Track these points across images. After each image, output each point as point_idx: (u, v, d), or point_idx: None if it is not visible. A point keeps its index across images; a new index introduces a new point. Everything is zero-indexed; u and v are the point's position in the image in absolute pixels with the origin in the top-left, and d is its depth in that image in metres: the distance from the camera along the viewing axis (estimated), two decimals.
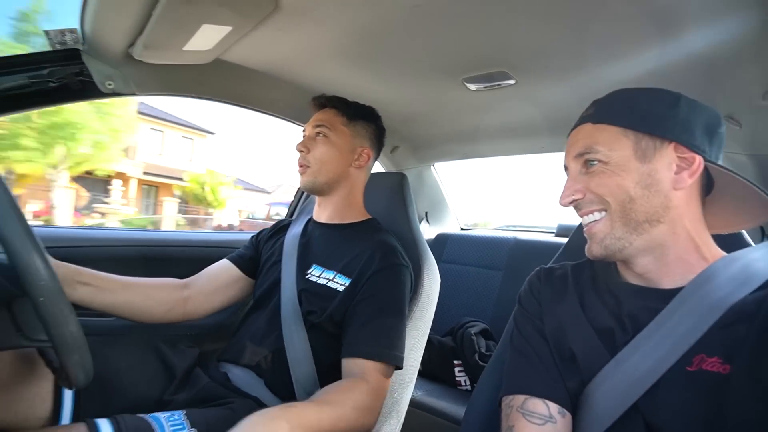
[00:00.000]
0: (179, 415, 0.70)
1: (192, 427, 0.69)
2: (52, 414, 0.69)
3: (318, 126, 0.97)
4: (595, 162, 0.58)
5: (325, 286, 0.88)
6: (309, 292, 0.88)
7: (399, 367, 0.82)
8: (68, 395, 0.71)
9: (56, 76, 0.83)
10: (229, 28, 0.76)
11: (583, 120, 0.62)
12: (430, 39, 0.88)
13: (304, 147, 0.96)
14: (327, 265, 0.91)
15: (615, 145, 0.57)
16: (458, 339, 1.46)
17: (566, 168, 0.63)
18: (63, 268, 0.76)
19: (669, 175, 0.56)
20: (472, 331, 1.43)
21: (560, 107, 1.19)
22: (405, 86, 1.17)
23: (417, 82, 1.13)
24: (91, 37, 0.80)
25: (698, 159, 0.55)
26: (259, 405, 0.79)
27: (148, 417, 0.68)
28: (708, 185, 0.60)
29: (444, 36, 0.87)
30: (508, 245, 1.79)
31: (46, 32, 0.78)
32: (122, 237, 1.27)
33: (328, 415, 0.67)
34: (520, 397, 0.59)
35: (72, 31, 0.79)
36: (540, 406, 0.57)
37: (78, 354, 0.47)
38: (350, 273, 0.87)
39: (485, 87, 1.11)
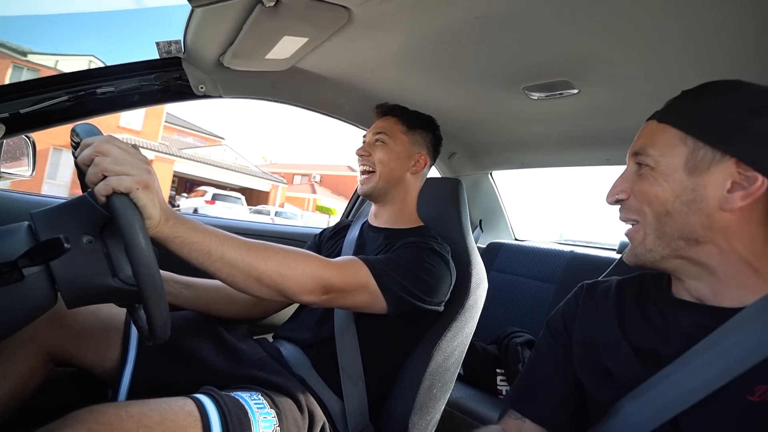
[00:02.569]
0: (258, 396, 0.73)
1: (271, 408, 0.72)
2: (119, 362, 0.81)
3: (378, 133, 1.03)
4: (644, 165, 0.55)
5: None
6: None
7: (386, 300, 0.80)
8: (132, 346, 0.82)
9: (160, 80, 0.97)
10: (305, 39, 0.85)
11: (653, 115, 0.59)
12: (492, 48, 0.91)
13: (365, 151, 1.03)
14: None
15: (669, 150, 0.53)
16: (503, 348, 1.45)
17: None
18: None
19: (718, 193, 0.50)
20: (518, 341, 1.41)
21: (625, 117, 1.15)
22: (465, 94, 1.19)
23: (477, 90, 1.16)
24: (191, 47, 0.92)
25: (761, 180, 0.49)
26: (304, 385, 0.84)
27: (235, 395, 0.71)
28: None
29: (505, 45, 0.89)
30: (565, 258, 1.74)
31: (157, 43, 0.92)
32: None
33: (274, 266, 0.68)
34: (510, 410, 0.67)
35: (177, 42, 0.92)
36: (512, 423, 0.65)
37: (162, 315, 0.56)
38: (386, 251, 0.92)
39: (546, 96, 1.11)
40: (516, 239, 2.17)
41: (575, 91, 1.05)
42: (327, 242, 1.13)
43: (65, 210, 0.58)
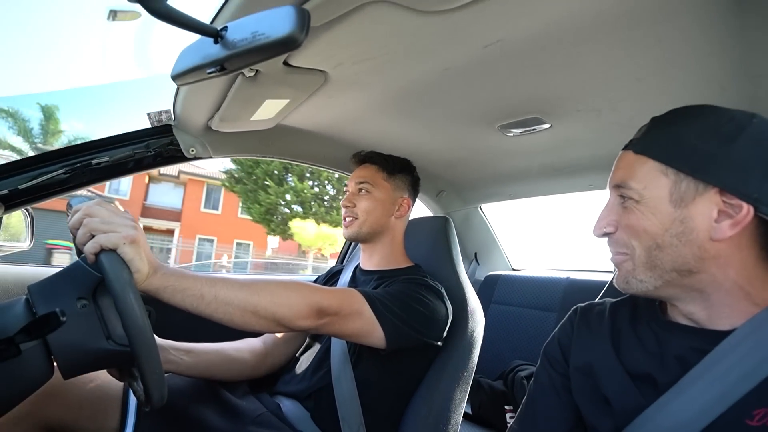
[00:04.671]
0: None
1: None
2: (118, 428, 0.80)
3: (361, 182, 1.07)
4: (628, 198, 0.54)
5: None
6: None
7: (383, 330, 0.80)
8: (131, 413, 0.82)
9: (153, 147, 1.03)
10: (286, 101, 0.91)
11: (628, 145, 0.58)
12: (463, 94, 0.96)
13: (350, 202, 1.06)
14: None
15: (651, 183, 0.53)
16: (509, 383, 1.42)
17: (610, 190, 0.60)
18: None
19: (707, 223, 0.50)
20: (523, 375, 1.39)
21: (600, 146, 1.20)
22: (444, 135, 1.25)
23: (455, 131, 1.21)
24: (180, 115, 0.98)
25: (746, 208, 0.48)
26: None
27: None
28: None
29: (475, 90, 0.94)
30: (562, 285, 1.74)
31: (148, 114, 0.98)
32: None
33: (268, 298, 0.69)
34: None
35: (167, 111, 0.98)
36: None
37: (156, 373, 0.56)
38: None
39: (522, 132, 1.16)
40: (513, 269, 2.18)
41: (547, 125, 1.10)
42: None
43: (60, 278, 0.60)
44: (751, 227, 0.50)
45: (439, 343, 0.91)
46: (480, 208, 1.98)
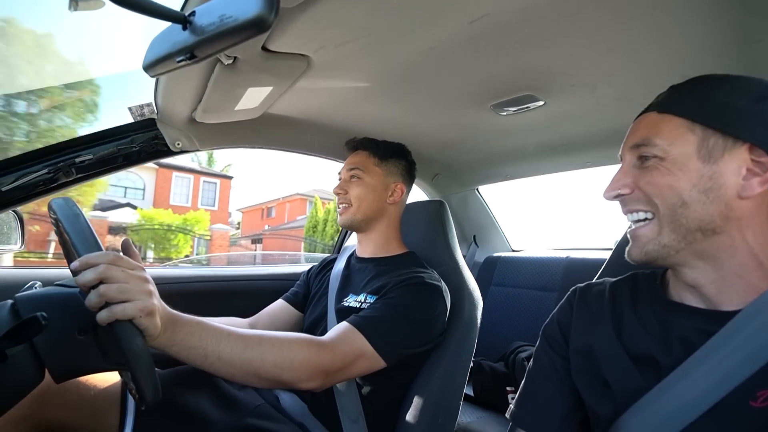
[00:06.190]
0: None
1: None
2: (118, 429, 0.80)
3: (352, 169, 1.05)
4: (651, 157, 0.52)
5: (355, 307, 0.93)
6: (342, 316, 0.94)
7: (385, 361, 0.81)
8: (130, 411, 0.82)
9: (137, 142, 1.00)
10: (270, 88, 0.88)
11: (649, 107, 0.56)
12: (452, 74, 0.93)
13: (342, 189, 1.05)
14: (360, 292, 0.97)
15: (677, 139, 0.51)
16: (510, 364, 1.42)
17: (621, 158, 0.58)
18: None
19: (735, 180, 0.49)
20: (523, 356, 1.39)
21: (596, 122, 1.17)
22: (437, 117, 1.22)
23: (448, 113, 1.18)
24: (162, 108, 0.96)
25: None
26: (303, 430, 0.83)
27: None
28: None
29: (464, 69, 0.91)
30: (562, 265, 1.73)
31: (129, 108, 0.96)
32: (190, 274, 1.42)
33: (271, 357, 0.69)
34: (516, 428, 0.64)
35: (149, 105, 0.95)
36: None
37: (149, 377, 0.56)
38: (377, 292, 0.92)
39: (515, 111, 1.13)
40: (513, 250, 2.16)
41: (541, 102, 1.07)
42: (315, 278, 1.14)
43: (55, 304, 0.60)
44: None
45: (440, 339, 0.91)
46: (477, 190, 1.95)
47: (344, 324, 0.82)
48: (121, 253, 0.61)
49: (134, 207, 15.15)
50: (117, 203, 15.35)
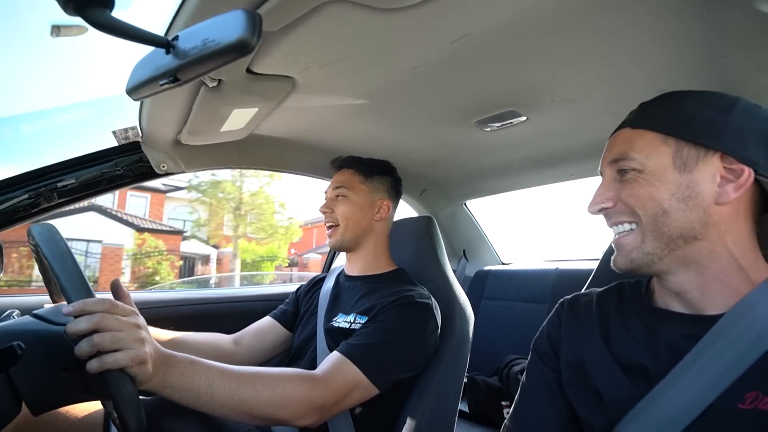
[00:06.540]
0: None
1: None
2: None
3: (338, 188, 1.06)
4: (629, 170, 0.54)
5: (345, 328, 0.92)
6: (332, 337, 0.93)
7: (378, 389, 0.81)
8: None
9: (121, 165, 1.00)
10: (255, 109, 0.88)
11: (623, 124, 0.59)
12: (435, 92, 0.95)
13: (328, 208, 1.05)
14: (349, 312, 0.96)
15: (653, 152, 0.53)
16: (504, 378, 1.41)
17: (601, 173, 0.61)
18: None
19: (711, 187, 0.51)
20: (517, 369, 1.38)
21: (578, 135, 1.20)
22: (423, 134, 1.23)
23: (434, 130, 1.20)
24: (147, 131, 0.95)
25: (747, 171, 0.50)
26: None
27: None
28: (766, 201, 0.54)
29: (447, 87, 0.93)
30: (551, 277, 1.74)
31: (114, 132, 0.95)
32: (175, 298, 1.39)
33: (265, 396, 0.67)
34: None
35: (133, 128, 0.95)
36: None
37: (132, 408, 0.54)
38: (367, 312, 0.91)
39: (499, 126, 1.15)
40: (503, 263, 2.17)
41: (524, 118, 1.09)
42: (304, 297, 1.12)
43: (37, 339, 0.58)
44: (747, 195, 0.52)
45: (432, 358, 0.91)
46: (465, 204, 1.97)
47: (336, 355, 0.81)
48: (112, 296, 0.60)
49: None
50: None
